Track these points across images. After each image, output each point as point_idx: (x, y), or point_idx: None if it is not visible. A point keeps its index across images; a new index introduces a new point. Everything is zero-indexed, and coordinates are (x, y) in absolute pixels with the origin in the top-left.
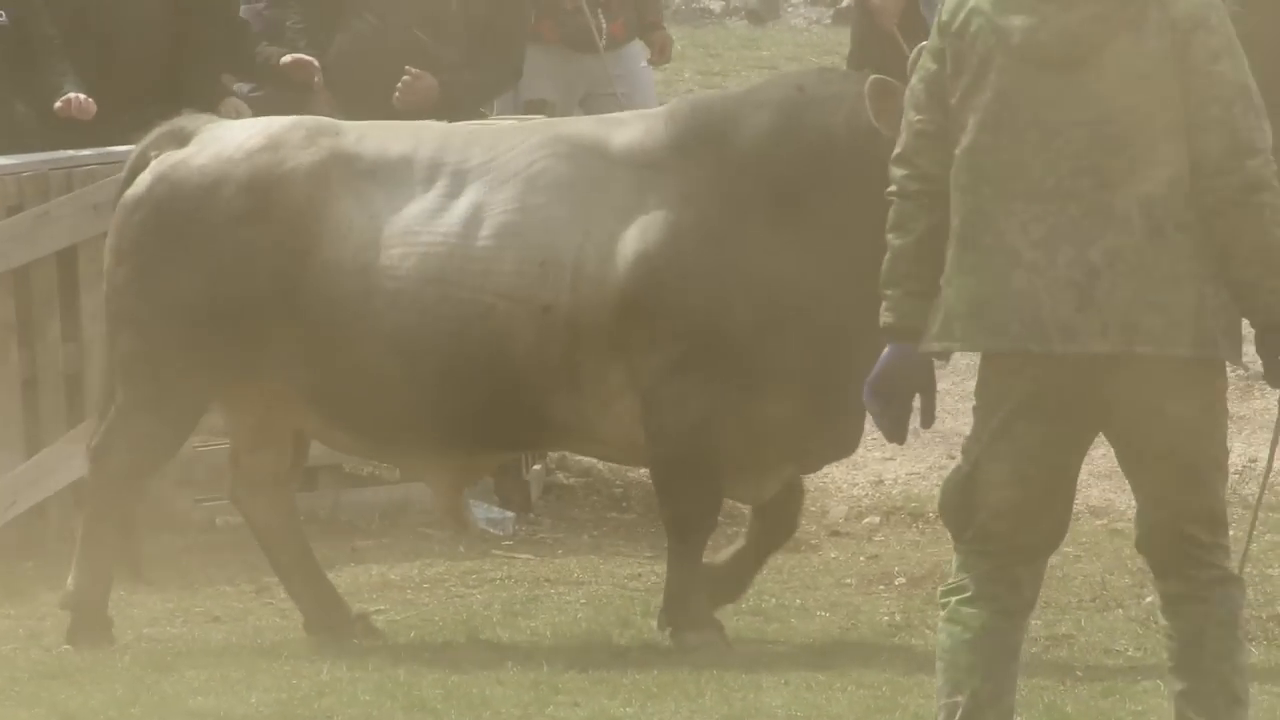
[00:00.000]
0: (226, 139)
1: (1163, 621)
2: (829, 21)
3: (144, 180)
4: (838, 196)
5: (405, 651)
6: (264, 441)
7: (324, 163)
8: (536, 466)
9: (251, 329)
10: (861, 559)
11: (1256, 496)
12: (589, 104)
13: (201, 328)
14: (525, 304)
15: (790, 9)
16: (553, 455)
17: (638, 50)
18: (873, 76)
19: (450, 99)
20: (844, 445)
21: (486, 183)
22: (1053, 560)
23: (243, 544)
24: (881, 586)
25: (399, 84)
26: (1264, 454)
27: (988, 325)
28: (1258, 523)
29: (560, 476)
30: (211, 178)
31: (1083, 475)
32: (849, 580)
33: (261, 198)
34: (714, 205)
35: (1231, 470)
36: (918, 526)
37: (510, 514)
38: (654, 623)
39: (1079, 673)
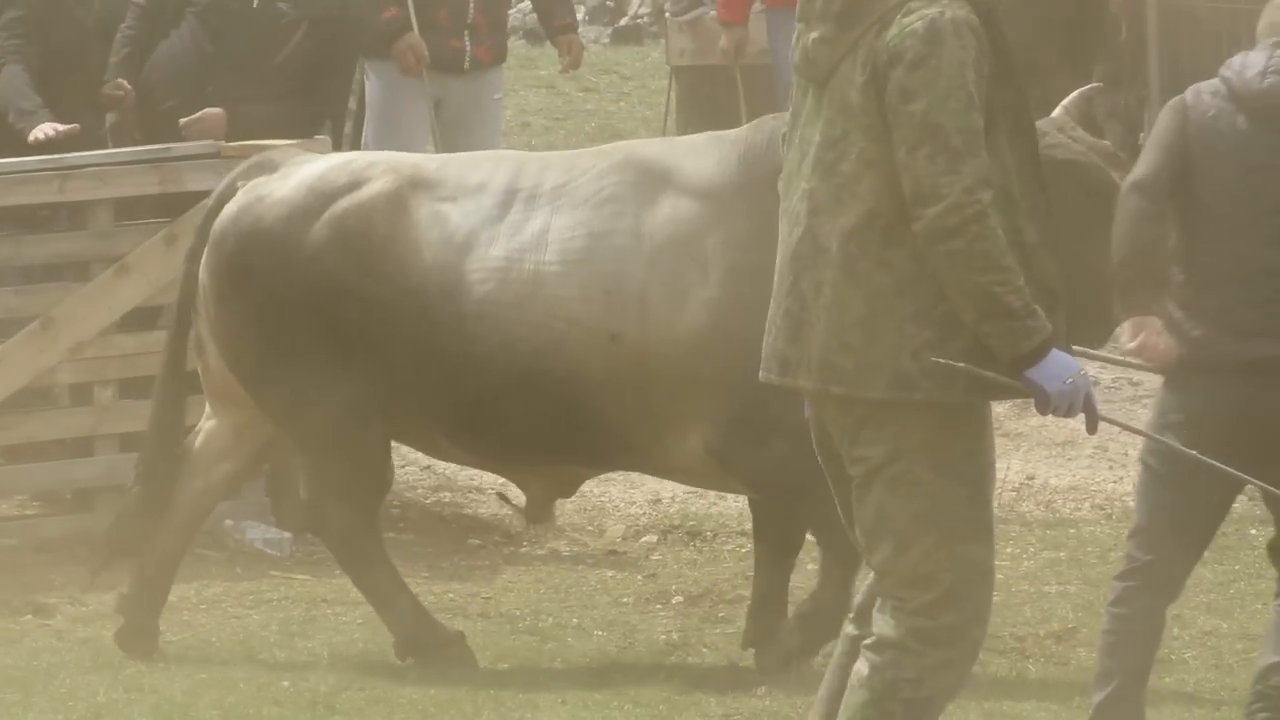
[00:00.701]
0: (309, 170)
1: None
2: (608, 40)
3: (229, 212)
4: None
5: (182, 673)
6: (232, 452)
7: (402, 191)
8: None
9: (350, 362)
10: (639, 578)
11: (1033, 513)
12: (446, 125)
13: (319, 357)
14: (593, 332)
15: None
16: None
17: (496, 80)
18: None
19: (251, 128)
20: None
21: (558, 207)
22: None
23: (19, 565)
24: (658, 605)
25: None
26: (1042, 471)
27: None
28: (1035, 540)
29: None
30: (293, 209)
31: None
32: (626, 599)
33: (339, 228)
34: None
35: (1009, 487)
36: (695, 545)
37: (287, 535)
38: None
39: None
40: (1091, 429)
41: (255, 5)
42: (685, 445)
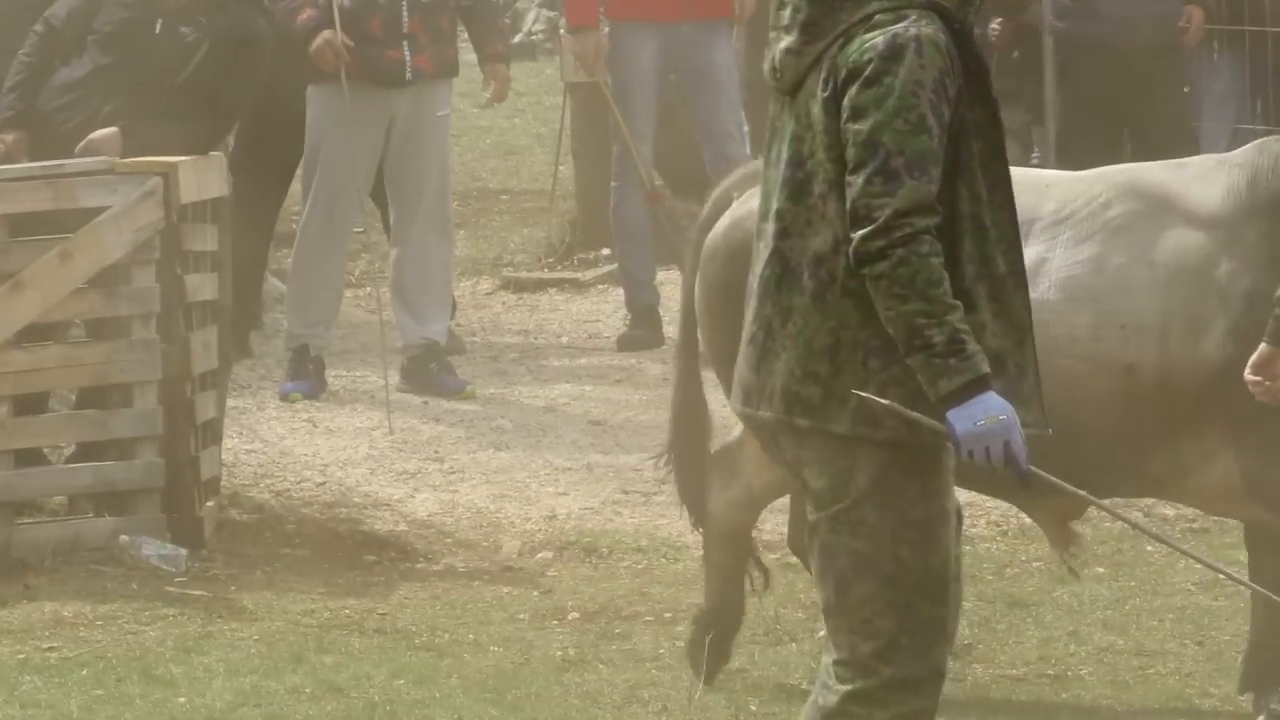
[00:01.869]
0: None
1: None
2: None
3: (721, 226)
4: None
5: (78, 689)
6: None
7: None
8: (209, 503)
9: None
10: (535, 594)
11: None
12: (393, 142)
13: None
14: (1107, 366)
15: None
16: (225, 491)
17: (443, 94)
18: None
19: (149, 147)
20: None
21: (1060, 239)
22: None
23: None
24: (555, 621)
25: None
26: (977, 498)
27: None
28: None
29: (234, 513)
30: None
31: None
32: (522, 615)
33: None
34: None
35: None
36: (590, 562)
37: (183, 551)
38: (327, 659)
39: (753, 706)
40: (1020, 483)
41: (158, 31)
42: (1211, 474)
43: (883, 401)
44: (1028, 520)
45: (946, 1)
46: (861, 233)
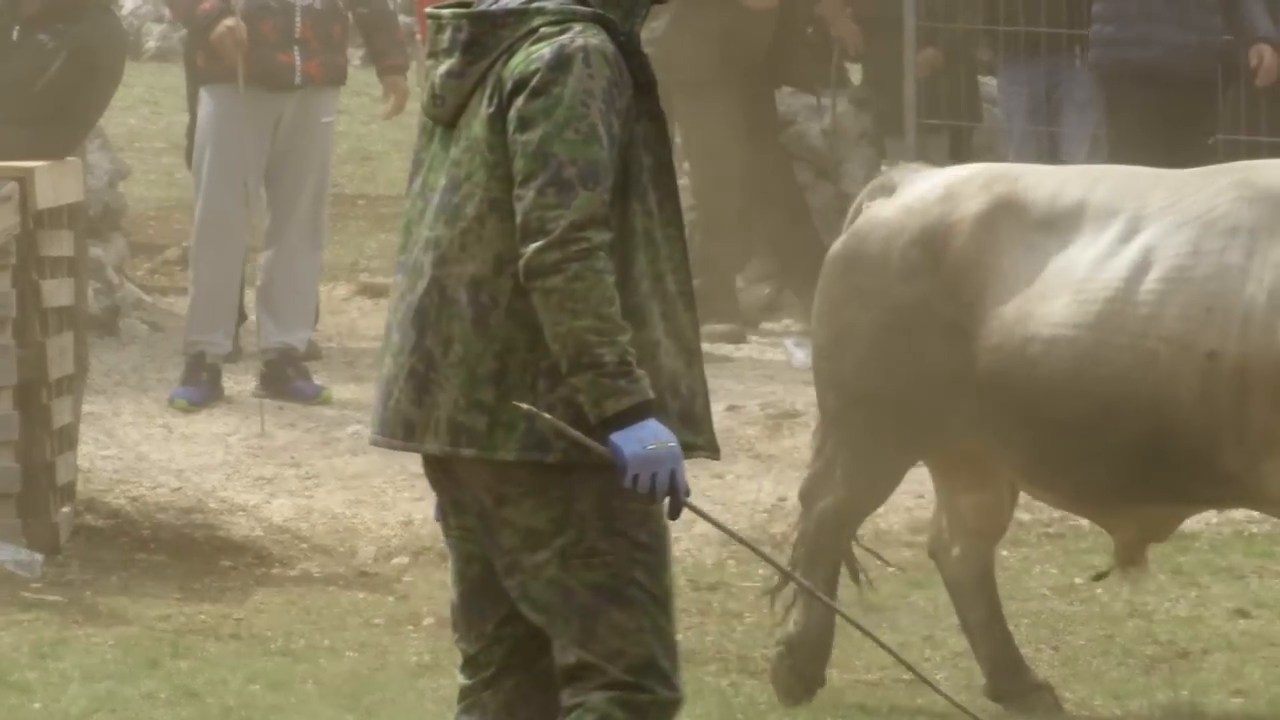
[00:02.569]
0: (913, 190)
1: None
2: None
3: (843, 236)
4: None
5: None
6: (977, 487)
7: (993, 211)
8: (65, 509)
9: (934, 390)
10: (390, 599)
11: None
12: (277, 145)
13: (885, 384)
14: (1188, 350)
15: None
16: (81, 496)
17: (331, 101)
18: None
19: (6, 151)
20: None
21: (1163, 227)
22: None
23: None
24: (410, 627)
25: None
26: (793, 493)
27: (374, 413)
28: (786, 560)
29: (89, 518)
30: (891, 230)
31: None
32: (378, 620)
33: (929, 249)
34: None
35: (761, 508)
36: (446, 567)
37: (38, 556)
38: (183, 664)
39: None
40: (672, 515)
41: (15, 38)
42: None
43: (545, 416)
44: (883, 525)
45: (611, 14)
46: (535, 245)
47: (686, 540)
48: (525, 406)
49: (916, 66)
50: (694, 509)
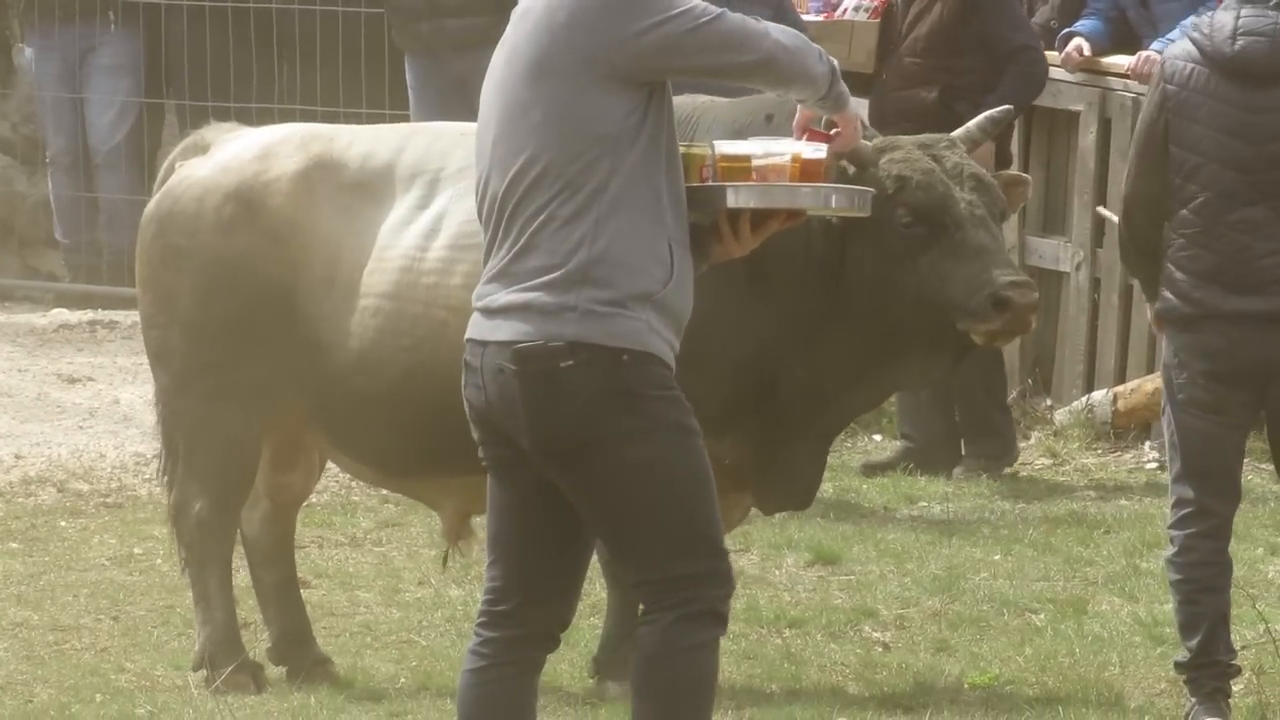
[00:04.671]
0: (228, 149)
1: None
2: None
3: (156, 196)
4: None
5: None
6: (292, 462)
7: (309, 171)
8: None
9: (262, 350)
10: None
11: None
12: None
13: (215, 349)
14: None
15: None
16: None
17: None
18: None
19: None
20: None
21: (457, 190)
22: None
23: None
24: None
25: None
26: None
27: None
28: None
29: None
30: (206, 188)
31: None
32: None
33: (246, 206)
34: None
35: None
36: None
37: None
38: None
39: None
40: None
41: None
42: None
43: None
44: None
45: None
46: None
47: None
48: None
49: None
50: None
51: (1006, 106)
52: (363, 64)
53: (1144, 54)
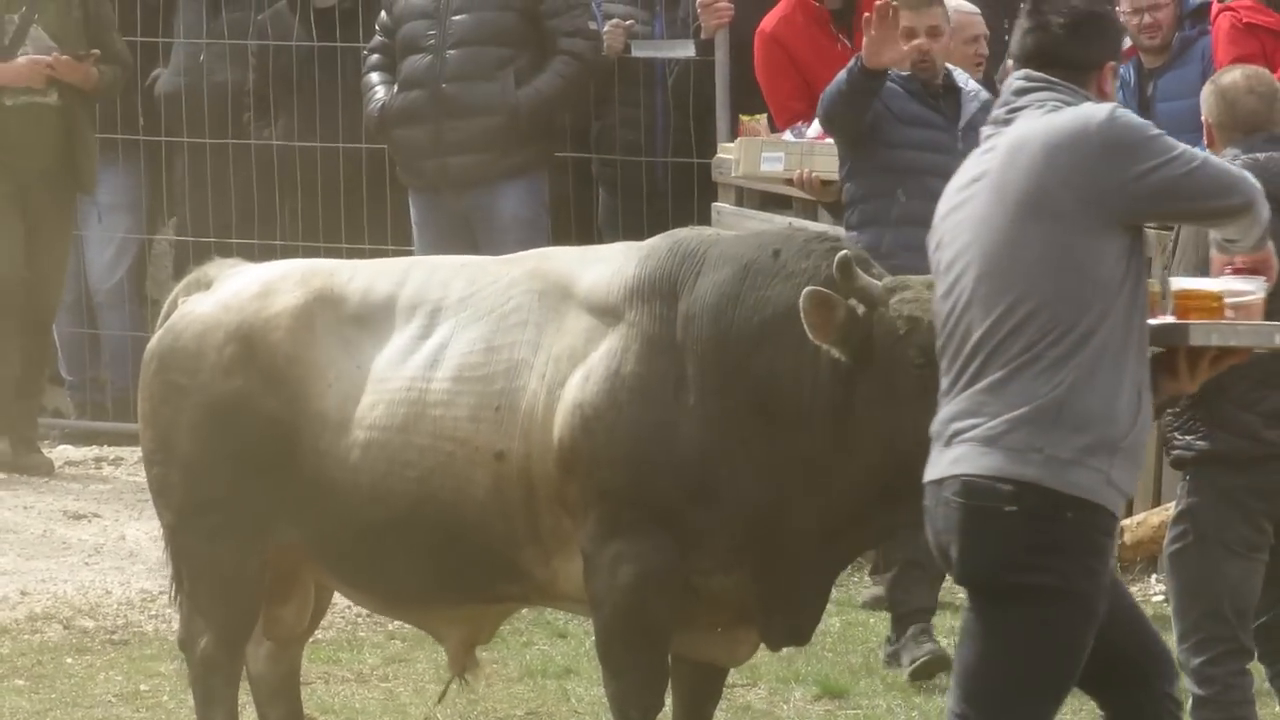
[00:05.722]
0: (229, 286)
1: None
2: None
3: (158, 332)
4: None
5: None
6: (285, 596)
7: (309, 305)
8: None
9: (259, 487)
10: None
11: None
12: None
13: (215, 486)
14: (480, 451)
15: None
16: None
17: None
18: (809, 289)
19: None
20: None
21: (460, 321)
22: None
23: None
24: None
25: None
26: None
27: None
28: None
29: None
30: (207, 325)
31: None
32: None
33: (246, 344)
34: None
35: None
36: None
37: None
38: None
39: None
40: None
41: None
42: (573, 569)
43: None
44: None
45: None
46: None
47: None
48: None
49: None
50: None
51: None
52: (364, 199)
53: None
